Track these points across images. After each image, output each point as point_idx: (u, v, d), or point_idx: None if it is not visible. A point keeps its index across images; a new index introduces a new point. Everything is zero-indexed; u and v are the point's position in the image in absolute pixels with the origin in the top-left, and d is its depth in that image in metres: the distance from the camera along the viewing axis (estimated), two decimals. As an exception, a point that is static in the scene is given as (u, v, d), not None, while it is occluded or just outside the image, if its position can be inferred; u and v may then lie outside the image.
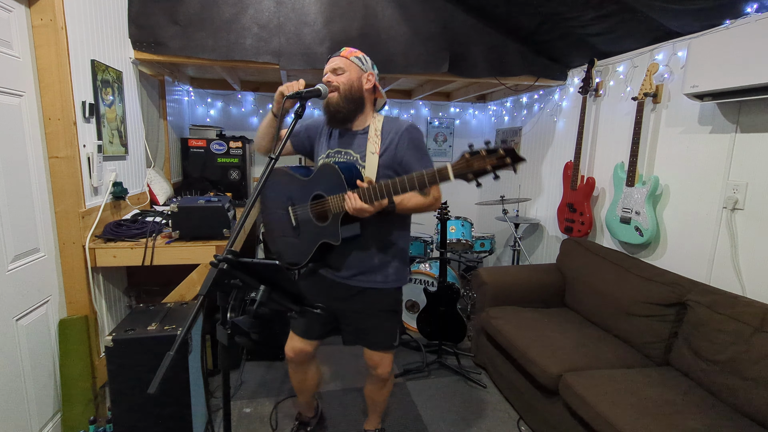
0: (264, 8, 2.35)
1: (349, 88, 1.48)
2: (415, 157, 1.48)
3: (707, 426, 1.43)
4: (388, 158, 1.49)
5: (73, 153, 1.73)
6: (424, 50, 2.56)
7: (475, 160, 1.11)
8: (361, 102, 1.53)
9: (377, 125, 1.52)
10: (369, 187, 1.33)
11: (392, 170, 1.50)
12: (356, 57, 1.52)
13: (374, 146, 1.49)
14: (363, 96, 1.52)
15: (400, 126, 1.51)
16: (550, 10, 2.25)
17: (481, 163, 1.10)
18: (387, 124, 1.53)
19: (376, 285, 1.58)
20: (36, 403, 1.66)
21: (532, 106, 3.48)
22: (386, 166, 1.49)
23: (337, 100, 1.48)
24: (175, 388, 1.64)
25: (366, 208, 1.33)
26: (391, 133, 1.50)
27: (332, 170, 1.43)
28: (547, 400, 1.90)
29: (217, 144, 3.13)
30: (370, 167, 1.47)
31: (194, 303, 1.94)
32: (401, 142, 1.48)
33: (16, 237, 1.55)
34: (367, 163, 1.48)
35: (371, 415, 1.93)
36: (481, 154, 1.11)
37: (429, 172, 1.21)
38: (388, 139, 1.50)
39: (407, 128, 1.50)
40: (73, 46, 1.74)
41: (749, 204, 1.80)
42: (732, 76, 1.68)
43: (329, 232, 1.48)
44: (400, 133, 1.49)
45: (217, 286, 0.96)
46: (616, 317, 2.12)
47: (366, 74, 1.52)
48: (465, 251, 3.34)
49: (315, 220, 1.53)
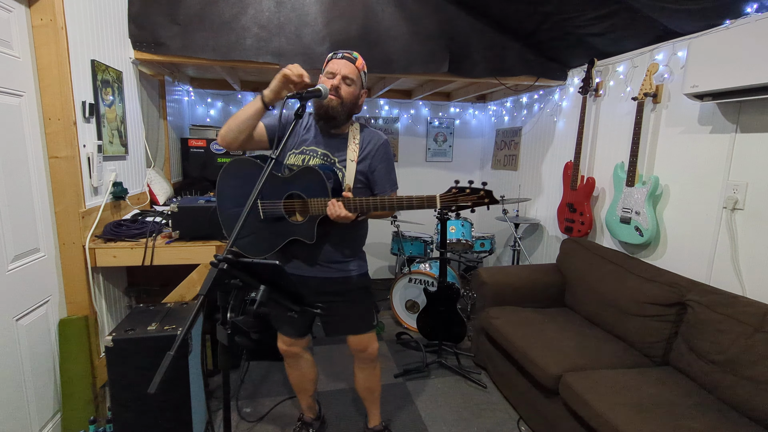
0: (264, 8, 2.35)
1: (351, 102, 1.56)
2: (386, 170, 1.63)
3: (707, 426, 1.43)
4: (364, 166, 1.60)
5: (73, 153, 1.73)
6: (424, 50, 2.56)
7: (461, 195, 1.40)
8: (353, 114, 1.62)
9: (356, 134, 1.62)
10: (354, 199, 1.44)
11: (364, 176, 1.61)
12: (364, 72, 1.59)
13: (353, 154, 1.58)
14: (356, 110, 1.62)
15: (378, 139, 1.64)
16: (550, 10, 2.25)
17: (464, 199, 1.39)
18: (365, 134, 1.64)
19: (349, 273, 1.67)
20: (36, 403, 1.66)
21: (532, 106, 3.48)
22: (361, 173, 1.60)
23: (338, 107, 1.52)
24: (175, 388, 1.64)
25: (349, 217, 1.44)
26: (370, 144, 1.62)
27: (316, 174, 1.48)
28: (547, 400, 1.90)
29: (217, 144, 3.12)
30: (349, 173, 1.57)
31: (194, 303, 1.94)
32: (378, 154, 1.61)
33: (16, 237, 1.55)
34: (347, 169, 1.57)
35: (371, 410, 1.94)
36: (465, 191, 1.39)
37: (418, 198, 1.42)
38: (366, 149, 1.61)
39: (384, 143, 1.64)
40: (73, 46, 1.74)
41: (749, 204, 1.80)
42: (732, 76, 1.68)
43: (303, 231, 1.54)
44: (378, 145, 1.62)
45: (217, 286, 0.96)
46: (616, 317, 2.12)
47: (362, 91, 1.61)
48: (465, 251, 3.34)
49: (287, 218, 1.57)
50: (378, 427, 1.93)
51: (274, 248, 1.61)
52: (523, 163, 3.63)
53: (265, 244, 1.63)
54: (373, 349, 1.77)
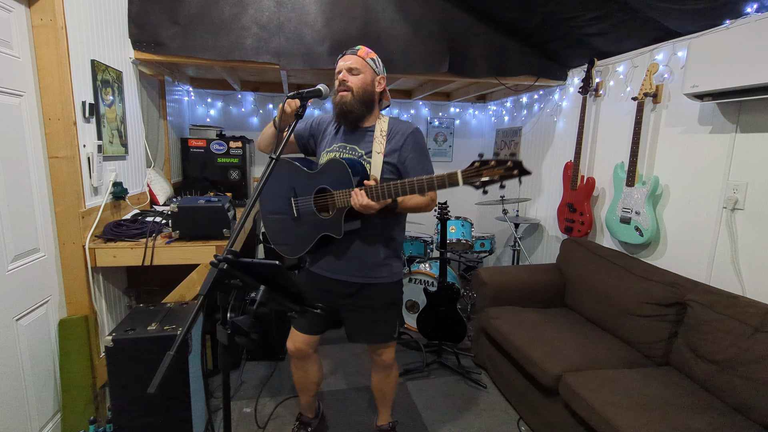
0: (264, 8, 2.35)
1: (363, 90, 1.53)
2: (417, 159, 1.56)
3: (707, 426, 1.43)
4: (393, 158, 1.55)
5: (73, 153, 1.73)
6: (424, 50, 2.56)
7: (485, 169, 1.21)
8: (372, 103, 1.58)
9: (383, 126, 1.58)
10: (377, 186, 1.39)
11: (395, 169, 1.56)
12: (371, 59, 1.57)
13: (380, 146, 1.55)
14: (374, 98, 1.58)
15: (406, 128, 1.58)
16: (550, 10, 2.25)
17: (489, 173, 1.20)
18: (393, 125, 1.59)
19: (381, 280, 1.63)
20: (36, 403, 1.66)
21: (532, 106, 3.48)
22: (390, 165, 1.55)
23: (351, 101, 1.52)
24: (175, 388, 1.64)
25: (372, 206, 1.39)
26: (398, 135, 1.57)
27: (340, 165, 1.47)
28: (547, 400, 1.90)
29: (217, 144, 3.13)
30: (375, 165, 1.53)
31: (194, 303, 1.94)
32: (406, 144, 1.56)
33: (16, 237, 1.55)
34: (372, 161, 1.54)
35: (381, 409, 1.94)
36: (490, 164, 1.20)
37: (439, 177, 1.29)
38: (394, 141, 1.56)
39: (413, 131, 1.58)
40: (73, 46, 1.74)
41: (749, 204, 1.80)
42: (732, 76, 1.68)
43: (332, 225, 1.52)
44: (406, 135, 1.56)
45: (217, 286, 0.96)
46: (616, 317, 2.12)
47: (378, 77, 1.58)
48: (465, 251, 3.34)
49: (317, 213, 1.56)
50: (385, 426, 1.93)
51: (307, 246, 1.61)
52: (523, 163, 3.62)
53: (301, 244, 1.63)
54: (388, 356, 1.75)
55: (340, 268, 1.62)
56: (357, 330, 1.71)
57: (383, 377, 1.83)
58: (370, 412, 2.18)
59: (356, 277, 1.62)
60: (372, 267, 1.61)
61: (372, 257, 1.61)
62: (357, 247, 1.59)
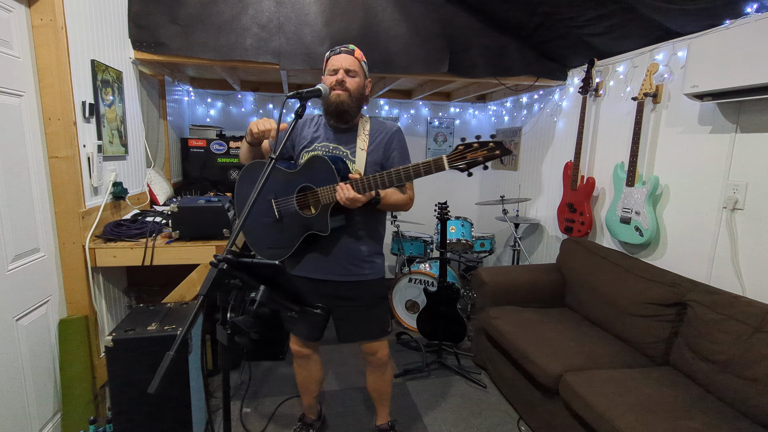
0: (264, 8, 2.35)
1: (358, 92, 1.58)
2: (401, 156, 1.64)
3: (707, 426, 1.43)
4: (377, 155, 1.61)
5: (73, 153, 1.73)
6: (424, 50, 2.56)
7: (469, 152, 1.28)
8: (362, 105, 1.63)
9: (365, 126, 1.65)
10: (362, 178, 1.42)
11: (379, 166, 1.62)
12: (364, 62, 1.61)
13: (363, 143, 1.60)
14: (363, 100, 1.62)
15: (390, 128, 1.66)
16: (550, 10, 2.25)
17: (473, 155, 1.28)
18: (375, 125, 1.66)
19: (368, 277, 1.65)
20: (36, 403, 1.66)
21: (532, 106, 3.48)
22: (374, 162, 1.60)
23: (348, 101, 1.54)
24: (175, 388, 1.64)
25: (359, 198, 1.43)
26: (380, 134, 1.63)
27: (322, 162, 1.49)
28: (547, 400, 1.90)
29: (217, 144, 3.13)
30: (359, 162, 1.58)
31: (194, 303, 1.94)
32: (390, 142, 1.63)
33: (16, 237, 1.55)
34: (356, 158, 1.58)
35: (379, 409, 1.94)
36: (473, 146, 1.28)
37: (425, 163, 1.33)
38: (377, 139, 1.62)
39: (396, 131, 1.66)
40: (73, 46, 1.74)
41: (749, 204, 1.80)
42: (732, 76, 1.68)
43: (317, 223, 1.53)
44: (389, 134, 1.64)
45: (217, 286, 0.96)
46: (616, 317, 2.12)
47: (367, 80, 1.63)
48: (465, 251, 3.34)
49: (300, 212, 1.56)
50: (384, 425, 1.94)
51: (291, 248, 1.60)
52: (523, 163, 3.63)
53: (285, 246, 1.62)
54: (383, 352, 1.77)
55: (327, 266, 1.63)
56: (352, 329, 1.71)
57: (378, 376, 1.83)
58: (370, 412, 2.18)
59: (344, 276, 1.63)
60: (358, 264, 1.63)
61: (357, 253, 1.63)
62: (342, 244, 1.61)
